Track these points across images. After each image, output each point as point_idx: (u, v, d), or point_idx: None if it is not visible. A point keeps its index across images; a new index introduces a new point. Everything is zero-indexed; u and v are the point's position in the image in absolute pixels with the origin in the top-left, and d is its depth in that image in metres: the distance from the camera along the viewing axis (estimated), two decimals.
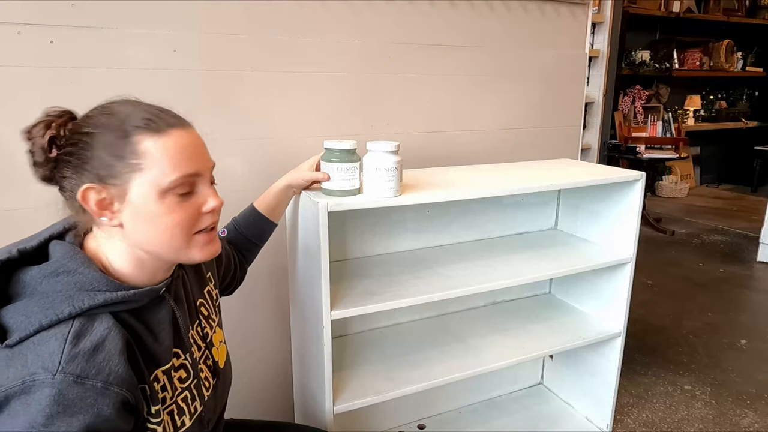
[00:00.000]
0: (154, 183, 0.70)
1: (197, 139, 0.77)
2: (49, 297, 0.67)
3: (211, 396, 0.88)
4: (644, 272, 3.14)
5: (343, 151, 1.12)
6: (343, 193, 1.13)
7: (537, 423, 1.75)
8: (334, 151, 1.12)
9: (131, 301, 0.72)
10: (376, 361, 1.39)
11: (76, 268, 0.70)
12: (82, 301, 0.67)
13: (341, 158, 1.11)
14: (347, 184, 1.13)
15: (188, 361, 0.82)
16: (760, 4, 5.27)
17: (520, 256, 1.52)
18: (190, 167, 0.73)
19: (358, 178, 1.14)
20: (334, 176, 1.12)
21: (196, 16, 1.31)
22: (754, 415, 1.88)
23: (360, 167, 1.14)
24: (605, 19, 3.69)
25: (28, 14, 1.14)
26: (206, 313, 0.92)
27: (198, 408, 0.84)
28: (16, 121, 1.18)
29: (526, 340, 1.52)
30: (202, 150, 0.77)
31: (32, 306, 0.66)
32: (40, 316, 0.65)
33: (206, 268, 0.96)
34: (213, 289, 0.97)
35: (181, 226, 0.73)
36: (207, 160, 0.78)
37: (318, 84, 1.49)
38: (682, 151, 4.23)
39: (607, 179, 1.46)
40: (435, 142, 1.72)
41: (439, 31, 1.65)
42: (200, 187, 0.76)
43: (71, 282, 0.69)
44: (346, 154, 1.12)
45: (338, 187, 1.13)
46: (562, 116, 1.96)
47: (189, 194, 0.74)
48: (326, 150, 1.13)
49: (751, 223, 4.18)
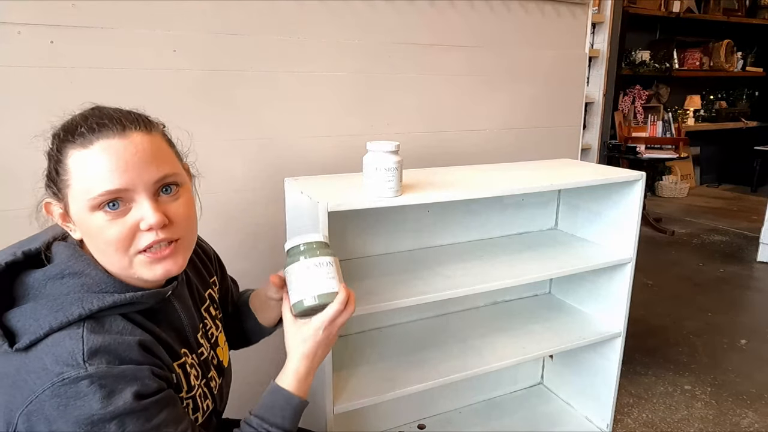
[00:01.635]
0: (81, 199, 0.66)
1: (132, 150, 0.67)
2: (57, 299, 0.66)
3: (218, 395, 0.89)
4: (644, 272, 3.14)
5: (308, 244, 0.86)
6: (321, 297, 0.83)
7: (537, 423, 1.75)
8: (298, 247, 0.86)
9: (139, 303, 0.71)
10: (376, 361, 1.39)
11: (82, 270, 0.69)
12: (91, 303, 0.66)
13: (308, 253, 0.85)
14: (323, 285, 0.83)
15: (196, 361, 0.82)
16: (760, 4, 5.27)
17: (520, 256, 1.52)
18: (114, 182, 0.65)
19: (336, 276, 0.85)
20: (303, 280, 0.84)
21: (196, 16, 1.30)
22: (754, 415, 1.88)
23: (334, 263, 0.87)
24: (605, 19, 3.69)
25: (28, 14, 1.14)
26: (212, 314, 0.92)
27: (210, 406, 0.84)
28: (16, 121, 1.18)
29: (526, 340, 1.51)
30: (137, 162, 0.67)
31: (40, 309, 0.66)
32: (49, 318, 0.64)
33: (208, 271, 0.96)
34: (216, 292, 0.97)
35: (115, 246, 0.67)
36: (145, 172, 0.67)
37: (318, 84, 1.49)
38: (682, 151, 4.23)
39: (607, 179, 1.46)
40: (435, 142, 1.72)
41: (439, 31, 1.65)
42: (137, 202, 0.68)
43: (78, 284, 0.68)
44: (312, 249, 0.86)
45: (311, 292, 0.83)
46: (562, 116, 1.96)
47: (124, 211, 0.67)
48: (287, 252, 0.87)
49: (751, 223, 4.18)
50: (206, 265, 0.96)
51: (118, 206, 0.67)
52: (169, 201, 0.71)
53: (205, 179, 1.39)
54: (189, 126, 1.35)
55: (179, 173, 0.73)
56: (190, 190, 0.77)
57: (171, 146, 0.76)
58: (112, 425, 0.61)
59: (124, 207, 0.67)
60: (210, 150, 1.39)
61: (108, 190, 0.65)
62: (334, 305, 0.82)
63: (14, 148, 1.14)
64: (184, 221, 0.72)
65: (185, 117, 1.34)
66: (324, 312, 0.83)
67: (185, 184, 0.75)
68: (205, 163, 1.40)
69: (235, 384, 0.99)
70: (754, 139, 4.96)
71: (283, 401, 0.81)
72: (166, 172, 0.70)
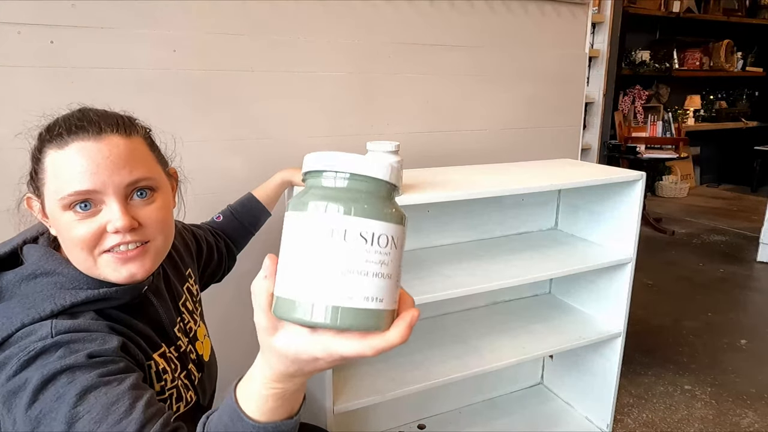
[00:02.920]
0: (54, 198, 0.68)
1: (105, 153, 0.68)
2: (29, 298, 0.67)
3: (200, 389, 0.89)
4: (644, 272, 3.14)
5: (356, 179, 0.41)
6: (346, 316, 0.38)
7: (537, 423, 1.75)
8: (329, 174, 0.41)
9: (113, 298, 0.71)
10: (376, 361, 1.39)
11: (54, 268, 0.70)
12: (63, 299, 0.67)
13: (347, 201, 0.39)
14: (361, 289, 0.39)
15: (175, 354, 0.83)
16: (760, 4, 5.27)
17: (520, 256, 1.52)
18: (84, 183, 0.67)
19: (393, 275, 0.42)
20: (316, 261, 0.39)
21: (196, 16, 1.30)
22: (754, 415, 1.88)
23: (398, 243, 0.43)
24: (605, 19, 3.69)
25: (28, 14, 1.14)
26: (189, 308, 0.92)
27: (193, 397, 0.84)
28: (16, 121, 1.18)
29: (526, 340, 1.51)
30: (109, 165, 0.68)
31: (12, 307, 0.66)
32: (21, 315, 0.65)
33: (185, 265, 0.96)
34: (193, 285, 0.97)
35: (80, 246, 0.69)
36: (116, 175, 0.68)
37: (318, 84, 1.49)
38: (682, 151, 4.23)
39: (607, 179, 1.46)
40: (435, 142, 1.72)
41: (439, 31, 1.65)
42: (107, 204, 0.69)
43: (51, 282, 0.69)
44: (361, 195, 0.41)
45: (328, 295, 0.38)
46: (562, 116, 1.96)
47: (94, 212, 0.68)
48: (304, 178, 0.43)
49: (751, 223, 4.18)
50: (183, 259, 0.96)
51: (89, 207, 0.68)
52: (142, 205, 0.72)
53: (205, 179, 1.40)
54: (188, 126, 1.36)
55: (155, 177, 0.74)
56: (168, 194, 0.78)
57: (153, 150, 0.76)
58: (62, 377, 0.61)
59: (95, 208, 0.69)
60: (210, 150, 1.39)
61: (77, 191, 0.67)
62: (369, 343, 0.39)
63: (14, 148, 1.14)
64: (155, 225, 0.73)
65: (185, 117, 1.34)
66: (341, 344, 0.40)
67: (162, 188, 0.75)
68: (205, 163, 1.41)
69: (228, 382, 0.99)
70: (754, 139, 4.95)
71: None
72: (139, 176, 0.70)
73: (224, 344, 1.14)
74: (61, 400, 0.59)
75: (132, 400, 0.60)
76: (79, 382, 0.60)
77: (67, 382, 0.60)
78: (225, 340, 1.26)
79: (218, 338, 1.07)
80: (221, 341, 1.14)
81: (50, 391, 0.60)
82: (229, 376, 1.02)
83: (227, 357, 1.09)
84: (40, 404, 0.59)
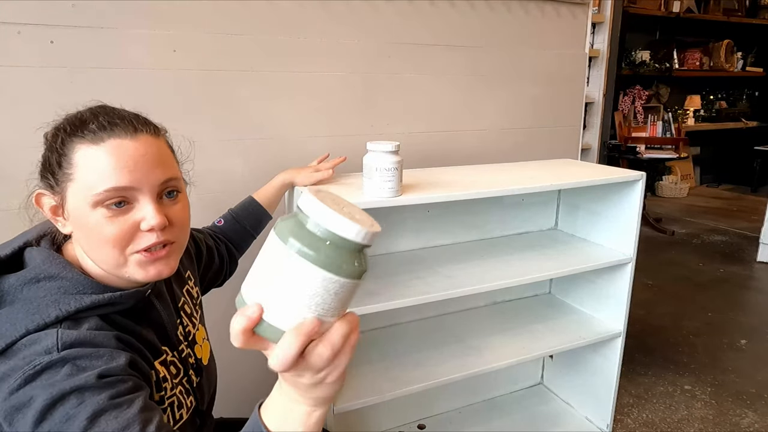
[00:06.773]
0: (85, 194, 0.67)
1: (142, 151, 0.69)
2: (33, 303, 0.66)
3: (198, 393, 0.89)
4: (644, 272, 3.14)
5: (347, 245, 0.45)
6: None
7: (537, 423, 1.75)
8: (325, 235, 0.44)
9: (117, 303, 0.71)
10: (377, 361, 1.39)
11: (58, 272, 0.69)
12: (68, 305, 0.66)
13: (335, 261, 0.44)
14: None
15: (177, 358, 0.82)
16: (760, 4, 5.27)
17: (520, 256, 1.52)
18: (121, 180, 0.67)
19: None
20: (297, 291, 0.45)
21: (196, 16, 1.30)
22: (754, 415, 1.88)
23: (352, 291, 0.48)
24: (605, 19, 3.69)
25: (28, 14, 1.14)
26: (188, 311, 0.92)
27: (193, 402, 0.84)
28: (16, 121, 1.18)
29: (526, 340, 1.51)
30: (145, 163, 0.69)
31: (16, 313, 0.65)
32: (26, 321, 0.64)
33: (184, 268, 0.96)
34: (192, 287, 0.97)
35: (112, 243, 0.68)
36: (152, 174, 0.69)
37: (318, 84, 1.49)
38: (682, 151, 4.23)
39: (607, 179, 1.46)
40: (435, 142, 1.72)
41: (439, 31, 1.65)
42: (141, 202, 0.69)
43: (54, 287, 0.68)
44: (350, 253, 0.45)
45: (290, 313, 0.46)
46: (562, 116, 1.96)
47: (126, 209, 0.68)
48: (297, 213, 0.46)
49: (751, 223, 4.18)
50: (181, 261, 0.95)
51: (122, 205, 0.68)
52: (171, 204, 0.73)
53: (205, 179, 1.40)
54: (188, 126, 1.35)
55: (180, 178, 0.75)
56: (186, 195, 0.79)
57: (172, 152, 0.78)
58: (72, 397, 0.60)
59: (127, 206, 0.69)
60: (210, 150, 1.39)
61: (114, 187, 0.67)
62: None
63: (14, 148, 1.14)
64: (181, 224, 0.74)
65: (185, 117, 1.34)
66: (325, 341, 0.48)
67: (183, 190, 0.77)
68: (205, 163, 1.41)
69: (231, 384, 0.99)
70: (754, 139, 4.96)
71: None
72: (170, 176, 0.72)
73: (223, 347, 1.14)
74: (71, 422, 0.58)
75: (142, 425, 0.60)
76: (89, 405, 0.59)
77: (77, 403, 0.59)
78: (224, 343, 1.26)
79: (218, 339, 1.07)
80: (221, 342, 1.14)
81: (59, 412, 0.59)
82: (228, 379, 1.02)
83: (226, 360, 1.09)
84: (48, 424, 0.58)
